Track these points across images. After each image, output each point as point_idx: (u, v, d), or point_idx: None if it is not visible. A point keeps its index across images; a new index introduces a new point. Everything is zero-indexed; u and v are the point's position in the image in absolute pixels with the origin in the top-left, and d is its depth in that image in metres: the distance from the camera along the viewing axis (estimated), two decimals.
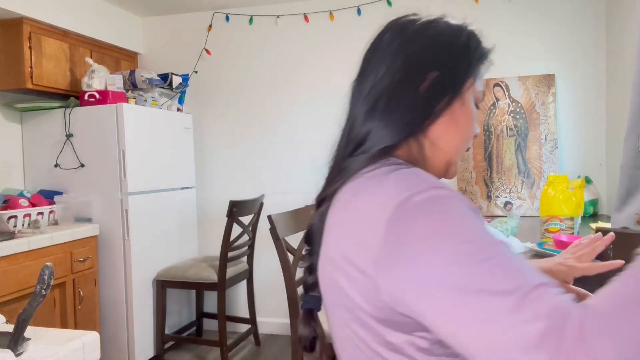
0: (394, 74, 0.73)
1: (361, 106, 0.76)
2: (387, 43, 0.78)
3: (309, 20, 3.18)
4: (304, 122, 3.23)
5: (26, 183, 2.85)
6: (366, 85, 0.76)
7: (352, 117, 0.77)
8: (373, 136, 0.72)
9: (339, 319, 0.69)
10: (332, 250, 0.69)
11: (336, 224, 0.69)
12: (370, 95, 0.75)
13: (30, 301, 0.85)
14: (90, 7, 2.97)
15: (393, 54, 0.75)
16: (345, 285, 0.65)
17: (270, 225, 1.95)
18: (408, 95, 0.72)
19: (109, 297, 2.71)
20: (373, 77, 0.76)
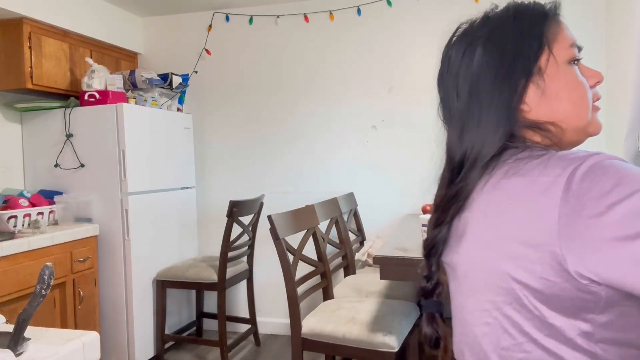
0: (468, 87, 0.74)
1: (452, 131, 0.78)
2: (451, 64, 0.79)
3: (309, 20, 3.18)
4: (304, 122, 3.23)
5: (26, 183, 2.85)
6: (448, 110, 0.79)
7: (447, 143, 0.80)
8: (475, 152, 0.73)
9: (481, 309, 0.70)
10: (479, 241, 0.69)
11: (484, 217, 0.69)
12: (455, 117, 0.77)
13: (30, 301, 0.85)
14: (90, 7, 2.97)
15: (457, 72, 0.76)
16: (504, 266, 0.64)
17: (270, 225, 1.95)
18: (488, 99, 0.72)
19: (109, 297, 2.71)
20: (451, 99, 0.78)
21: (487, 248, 0.67)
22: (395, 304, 2.12)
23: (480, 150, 0.72)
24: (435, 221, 0.80)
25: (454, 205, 0.75)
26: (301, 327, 1.95)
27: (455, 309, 0.78)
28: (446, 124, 0.81)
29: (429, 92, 3.21)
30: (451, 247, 0.77)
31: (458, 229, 0.75)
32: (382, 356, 1.81)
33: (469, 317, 0.73)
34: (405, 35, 3.04)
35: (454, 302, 0.79)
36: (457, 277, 0.76)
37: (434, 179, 0.90)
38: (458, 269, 0.75)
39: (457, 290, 0.77)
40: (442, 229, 0.78)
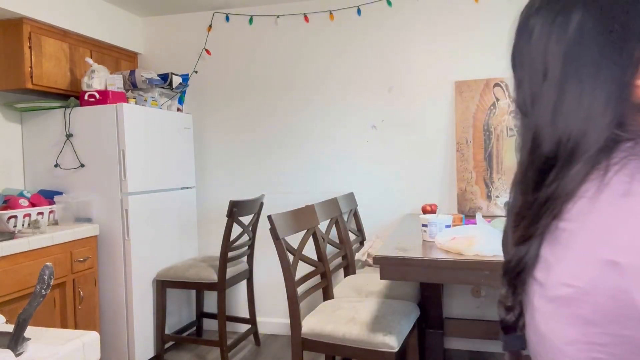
0: (562, 60, 0.59)
1: (537, 118, 0.62)
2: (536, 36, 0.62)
3: (309, 20, 3.18)
4: (304, 121, 3.23)
5: (26, 183, 2.85)
6: (529, 92, 0.63)
7: (531, 133, 0.63)
8: (574, 140, 0.58)
9: (590, 341, 0.55)
10: (599, 262, 0.54)
11: (607, 232, 0.53)
12: (543, 99, 0.61)
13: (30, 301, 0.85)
14: (90, 7, 2.97)
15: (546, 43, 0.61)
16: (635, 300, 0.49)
17: (270, 225, 1.95)
18: (592, 73, 0.58)
19: (109, 297, 2.71)
20: (534, 78, 0.62)
21: (611, 272, 0.52)
22: (395, 304, 2.12)
23: (581, 139, 0.57)
24: (520, 237, 0.64)
25: (547, 214, 0.59)
26: (301, 327, 1.95)
27: (543, 334, 0.62)
28: (525, 110, 0.64)
29: (429, 92, 3.23)
30: (544, 260, 0.61)
31: (555, 239, 0.59)
32: (382, 356, 1.81)
33: (568, 348, 0.58)
34: (405, 35, 3.04)
35: (539, 325, 0.62)
36: (553, 299, 0.59)
37: (434, 179, 0.80)
38: (556, 290, 0.59)
39: (550, 313, 0.60)
40: (532, 246, 0.62)
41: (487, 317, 2.90)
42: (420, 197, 3.03)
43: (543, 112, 0.61)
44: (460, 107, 2.91)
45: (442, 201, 2.99)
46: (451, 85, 2.97)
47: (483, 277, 1.66)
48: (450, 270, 1.70)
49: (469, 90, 2.90)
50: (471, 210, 2.85)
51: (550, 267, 0.60)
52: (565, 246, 0.58)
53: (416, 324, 2.11)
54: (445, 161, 2.99)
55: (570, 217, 0.57)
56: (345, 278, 2.62)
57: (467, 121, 2.89)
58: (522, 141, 0.65)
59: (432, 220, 1.99)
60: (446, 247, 1.78)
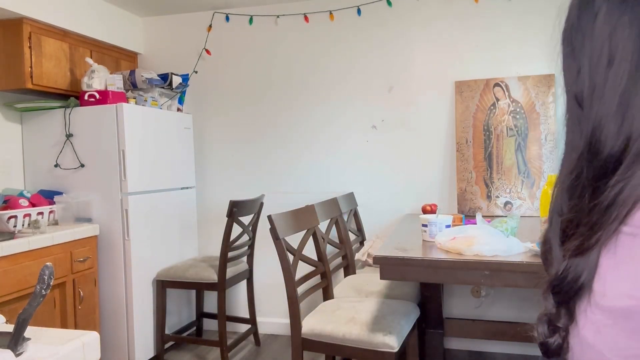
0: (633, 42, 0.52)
1: (600, 111, 0.54)
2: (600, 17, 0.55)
3: (309, 20, 3.18)
4: (304, 121, 3.23)
5: (26, 183, 2.85)
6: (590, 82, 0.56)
7: (590, 128, 0.55)
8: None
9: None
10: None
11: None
12: (608, 90, 0.53)
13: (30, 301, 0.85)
14: (90, 7, 2.97)
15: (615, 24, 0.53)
16: None
17: (270, 225, 1.95)
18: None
19: (109, 297, 2.71)
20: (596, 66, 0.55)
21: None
22: (395, 304, 2.12)
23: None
24: (577, 248, 0.55)
25: (612, 220, 0.51)
26: (301, 327, 1.95)
27: (591, 343, 0.56)
28: (584, 103, 0.56)
29: (429, 92, 3.23)
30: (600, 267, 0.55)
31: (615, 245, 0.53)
32: (382, 356, 1.81)
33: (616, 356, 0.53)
34: (405, 35, 3.04)
35: (587, 335, 0.56)
36: (610, 309, 0.53)
37: (434, 179, 0.73)
38: (615, 300, 0.53)
39: (603, 323, 0.54)
40: (590, 259, 0.54)
41: (487, 317, 2.90)
42: (420, 197, 3.03)
43: (608, 103, 0.53)
44: (460, 107, 2.91)
45: (442, 201, 2.99)
46: (451, 85, 2.97)
47: (483, 277, 1.66)
48: (450, 270, 1.70)
49: (469, 90, 2.90)
50: (471, 210, 2.85)
51: (607, 274, 0.54)
52: (629, 254, 0.52)
53: (416, 324, 2.11)
54: (445, 161, 2.99)
55: (635, 222, 0.51)
56: (345, 278, 2.62)
57: (467, 121, 2.89)
58: (575, 137, 0.57)
59: (432, 220, 1.99)
60: (446, 247, 1.78)
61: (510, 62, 2.88)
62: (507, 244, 1.70)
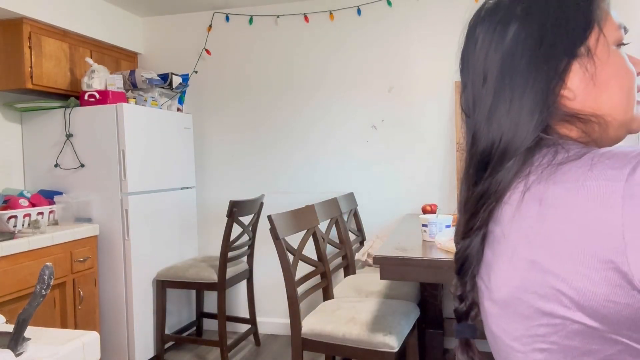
0: (499, 67, 0.64)
1: (476, 120, 0.67)
2: (479, 43, 0.68)
3: (309, 20, 3.18)
4: (304, 121, 3.23)
5: (26, 183, 2.85)
6: (471, 96, 0.68)
7: (471, 133, 0.68)
8: (505, 140, 0.63)
9: (533, 334, 0.60)
10: (523, 263, 0.59)
11: (526, 236, 0.59)
12: (481, 103, 0.66)
13: (30, 301, 0.85)
14: (90, 7, 2.97)
15: (487, 51, 0.66)
16: (560, 290, 0.55)
17: (270, 225, 1.95)
18: (522, 82, 0.62)
19: (109, 297, 2.71)
20: (476, 83, 0.67)
21: (535, 271, 0.58)
22: (395, 304, 2.12)
23: (511, 139, 0.62)
24: (464, 230, 0.69)
25: (484, 208, 0.64)
26: (301, 327, 1.95)
27: (495, 334, 0.67)
28: (468, 112, 0.69)
29: (429, 92, 3.23)
30: (487, 263, 0.66)
31: (493, 243, 0.65)
32: (382, 356, 1.81)
33: (516, 344, 0.63)
34: (405, 35, 3.04)
35: (491, 326, 0.67)
36: (496, 301, 0.65)
37: (434, 179, 0.82)
38: (497, 292, 0.64)
39: (497, 314, 0.66)
40: (474, 239, 0.67)
41: None
42: (420, 197, 3.03)
43: (480, 114, 0.66)
44: None
45: (442, 201, 2.99)
46: (451, 85, 2.97)
47: None
48: (450, 270, 1.69)
49: None
50: None
51: (490, 270, 0.65)
52: (498, 249, 0.63)
53: (416, 324, 2.11)
54: (445, 161, 2.99)
55: (500, 220, 0.62)
56: (345, 278, 2.62)
57: None
58: (466, 141, 0.71)
59: (432, 220, 1.99)
60: (446, 247, 1.78)
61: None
62: None
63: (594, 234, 0.51)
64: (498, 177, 0.62)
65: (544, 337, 0.59)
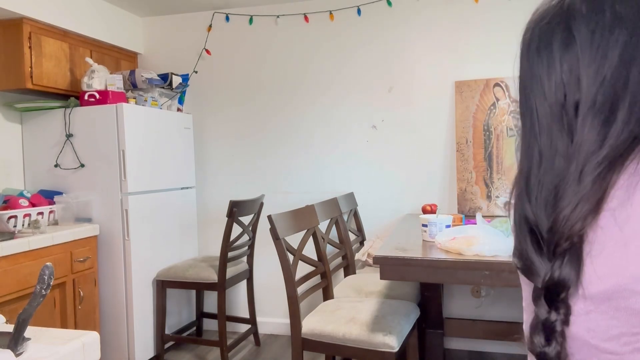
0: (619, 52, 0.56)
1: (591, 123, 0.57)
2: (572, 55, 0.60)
3: (309, 20, 3.18)
4: (304, 122, 3.23)
5: (26, 183, 2.85)
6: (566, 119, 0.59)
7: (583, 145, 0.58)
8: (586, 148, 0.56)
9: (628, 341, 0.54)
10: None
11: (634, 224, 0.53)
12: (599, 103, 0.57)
13: (30, 301, 0.85)
14: (90, 7, 2.97)
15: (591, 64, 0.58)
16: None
17: (270, 225, 1.95)
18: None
19: (109, 297, 2.71)
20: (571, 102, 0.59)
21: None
22: (395, 304, 2.12)
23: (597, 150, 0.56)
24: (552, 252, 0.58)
25: (579, 224, 0.56)
26: (301, 327, 1.95)
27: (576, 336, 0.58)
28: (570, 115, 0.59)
29: (429, 92, 3.23)
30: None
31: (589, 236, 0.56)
32: (382, 356, 1.81)
33: (609, 345, 0.55)
34: (405, 35, 3.04)
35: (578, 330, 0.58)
36: (592, 296, 0.56)
37: (434, 179, 0.78)
38: (596, 285, 0.56)
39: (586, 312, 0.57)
40: (571, 259, 0.57)
41: (487, 317, 2.90)
42: (420, 197, 3.03)
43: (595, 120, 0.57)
44: (460, 107, 2.91)
45: (442, 201, 2.99)
46: (451, 85, 2.97)
47: (483, 277, 1.66)
48: (450, 270, 1.70)
49: (469, 90, 2.90)
50: (471, 210, 2.85)
51: (585, 263, 0.57)
52: (603, 237, 0.55)
53: (416, 324, 2.11)
54: (445, 161, 2.99)
55: (606, 207, 0.55)
56: (345, 278, 2.62)
57: (467, 121, 2.89)
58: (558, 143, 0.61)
59: (432, 220, 1.99)
60: (446, 247, 1.78)
61: (510, 62, 2.87)
62: (507, 244, 1.70)
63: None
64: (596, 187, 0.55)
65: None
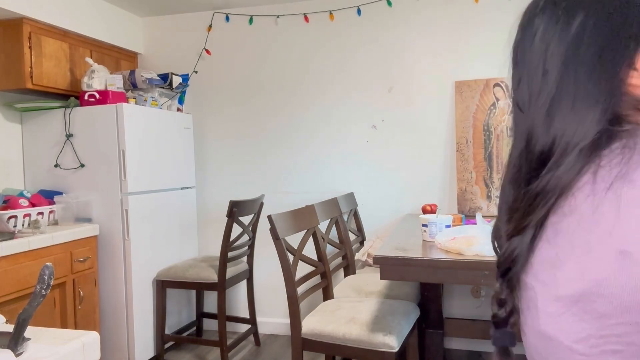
0: (562, 59, 0.61)
1: (533, 115, 0.64)
2: (539, 34, 0.65)
3: (309, 20, 3.18)
4: (304, 121, 3.23)
5: (26, 183, 2.85)
6: (527, 90, 0.65)
7: (526, 130, 0.64)
8: (568, 134, 0.60)
9: (609, 333, 0.56)
10: (614, 255, 0.55)
11: (607, 228, 0.55)
12: (540, 98, 0.63)
13: (30, 301, 0.85)
14: (90, 7, 2.97)
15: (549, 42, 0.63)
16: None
17: (270, 225, 1.95)
18: (587, 72, 0.60)
19: (109, 297, 2.71)
20: (534, 77, 0.64)
21: (627, 261, 0.54)
22: (395, 304, 2.12)
23: (575, 133, 0.59)
24: (512, 230, 0.65)
25: (541, 206, 0.61)
26: (301, 327, 1.95)
27: (549, 335, 0.62)
28: (523, 107, 0.66)
29: (429, 92, 3.22)
30: (546, 260, 0.62)
31: (556, 238, 0.60)
32: (382, 356, 1.81)
33: (579, 346, 0.58)
34: (405, 35, 3.04)
35: (545, 327, 0.62)
36: (562, 298, 0.59)
37: (434, 179, 0.81)
38: (566, 288, 0.59)
39: (558, 313, 0.60)
40: (524, 239, 0.63)
41: (487, 317, 2.89)
42: (420, 197, 3.03)
43: (539, 110, 0.63)
44: (460, 107, 2.91)
45: (442, 201, 2.99)
46: (451, 85, 2.97)
47: (483, 277, 1.66)
48: (450, 270, 1.70)
49: (469, 90, 2.90)
50: (471, 210, 2.85)
51: (555, 265, 0.60)
52: (570, 242, 0.58)
53: (416, 324, 2.11)
54: (445, 161, 2.99)
55: (571, 211, 0.58)
56: (345, 278, 2.62)
57: (467, 121, 2.89)
58: (517, 138, 0.67)
59: (432, 220, 1.99)
60: (446, 247, 1.78)
61: (510, 62, 2.87)
62: None
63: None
64: (559, 172, 0.59)
65: (621, 338, 0.55)
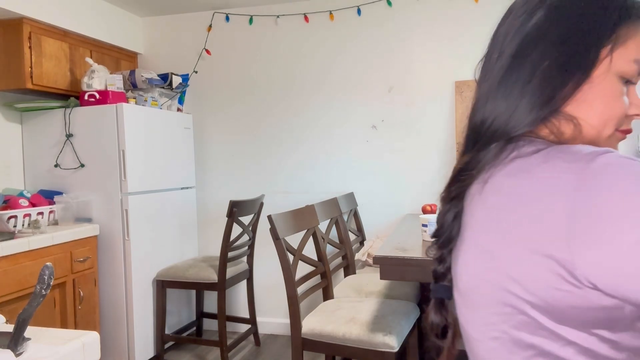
0: (515, 48, 0.65)
1: (480, 92, 0.68)
2: (508, 21, 0.69)
3: (309, 20, 3.18)
4: (304, 121, 3.23)
5: (26, 183, 2.85)
6: (485, 67, 0.69)
7: (473, 108, 0.70)
8: (496, 123, 0.63)
9: (488, 322, 0.62)
10: (481, 252, 0.61)
11: (486, 224, 0.61)
12: (488, 77, 0.67)
13: (30, 301, 0.85)
14: (90, 7, 2.97)
15: (509, 29, 0.67)
16: (510, 279, 0.57)
17: (270, 225, 1.95)
18: (530, 69, 0.62)
19: (109, 297, 2.71)
20: (492, 56, 0.68)
21: (490, 259, 0.60)
22: (395, 304, 2.12)
23: (502, 124, 0.63)
24: (445, 194, 0.72)
25: (461, 182, 0.66)
26: (301, 327, 1.95)
27: (461, 323, 0.71)
28: (478, 83, 0.71)
29: (429, 92, 3.22)
30: (457, 248, 0.69)
31: (465, 228, 0.67)
32: (382, 356, 1.81)
33: (474, 332, 0.66)
34: (405, 35, 3.04)
35: (459, 315, 0.71)
36: (459, 290, 0.68)
37: (434, 179, 0.85)
38: (460, 281, 0.68)
39: (460, 303, 0.69)
40: (449, 211, 0.70)
41: None
42: (420, 197, 3.03)
43: (485, 88, 0.67)
44: (460, 107, 2.91)
45: None
46: (451, 85, 2.97)
47: None
48: None
49: (469, 90, 2.90)
50: None
51: (456, 258, 0.68)
52: (464, 236, 0.66)
53: (416, 324, 2.11)
54: (445, 161, 2.99)
55: (467, 208, 0.66)
56: (345, 278, 2.62)
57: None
58: (470, 110, 0.71)
59: (432, 220, 1.99)
60: None
61: None
62: None
63: (541, 222, 0.53)
64: (479, 156, 0.64)
65: (495, 325, 0.61)
